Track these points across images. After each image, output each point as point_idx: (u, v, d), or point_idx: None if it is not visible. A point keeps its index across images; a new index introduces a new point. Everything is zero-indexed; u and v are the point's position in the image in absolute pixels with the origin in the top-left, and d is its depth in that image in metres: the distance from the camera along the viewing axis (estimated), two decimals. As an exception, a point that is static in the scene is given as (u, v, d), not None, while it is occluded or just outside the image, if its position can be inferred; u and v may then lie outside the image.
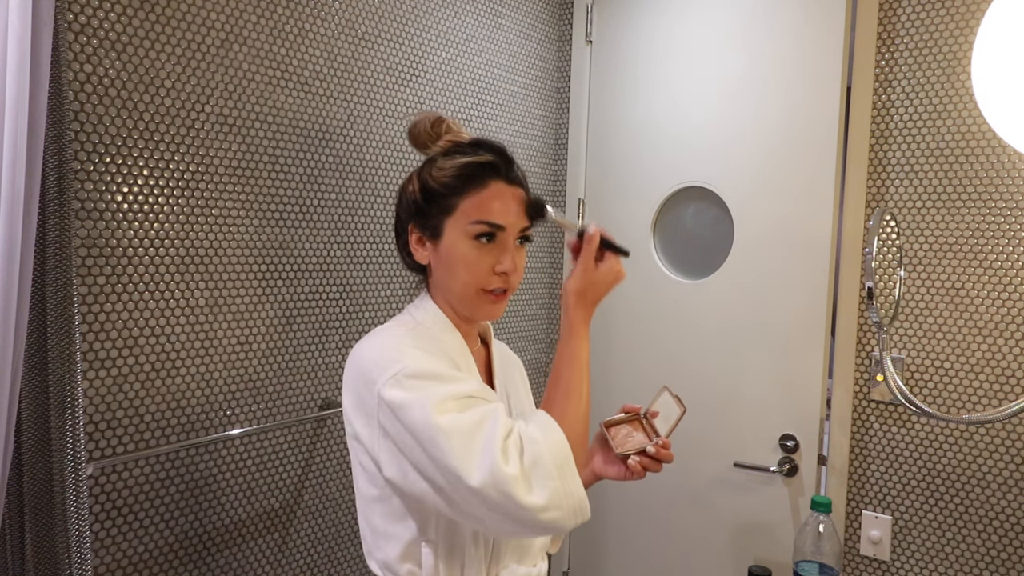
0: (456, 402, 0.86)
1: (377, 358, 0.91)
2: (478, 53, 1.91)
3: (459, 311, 1.02)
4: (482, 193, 0.96)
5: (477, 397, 0.89)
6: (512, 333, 2.09)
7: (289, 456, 1.49)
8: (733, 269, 1.90)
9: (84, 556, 1.03)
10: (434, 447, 0.83)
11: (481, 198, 0.96)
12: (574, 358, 0.95)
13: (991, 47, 1.22)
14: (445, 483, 0.84)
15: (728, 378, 1.89)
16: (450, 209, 0.97)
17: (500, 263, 0.97)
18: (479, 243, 0.96)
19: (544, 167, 2.20)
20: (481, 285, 0.97)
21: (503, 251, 0.97)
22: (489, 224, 0.95)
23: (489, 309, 1.00)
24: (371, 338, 0.97)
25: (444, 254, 0.98)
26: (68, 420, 1.01)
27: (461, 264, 0.96)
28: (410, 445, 0.86)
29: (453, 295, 1.00)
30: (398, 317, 1.04)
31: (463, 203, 0.96)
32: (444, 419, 0.83)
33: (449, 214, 0.97)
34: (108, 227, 1.18)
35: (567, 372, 0.95)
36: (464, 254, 0.96)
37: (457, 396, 0.87)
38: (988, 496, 1.59)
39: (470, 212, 0.96)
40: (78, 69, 1.13)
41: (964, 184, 1.62)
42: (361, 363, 0.93)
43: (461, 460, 0.82)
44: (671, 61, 1.99)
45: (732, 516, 1.89)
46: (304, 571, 1.53)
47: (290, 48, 1.44)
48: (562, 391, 0.93)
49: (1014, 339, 1.56)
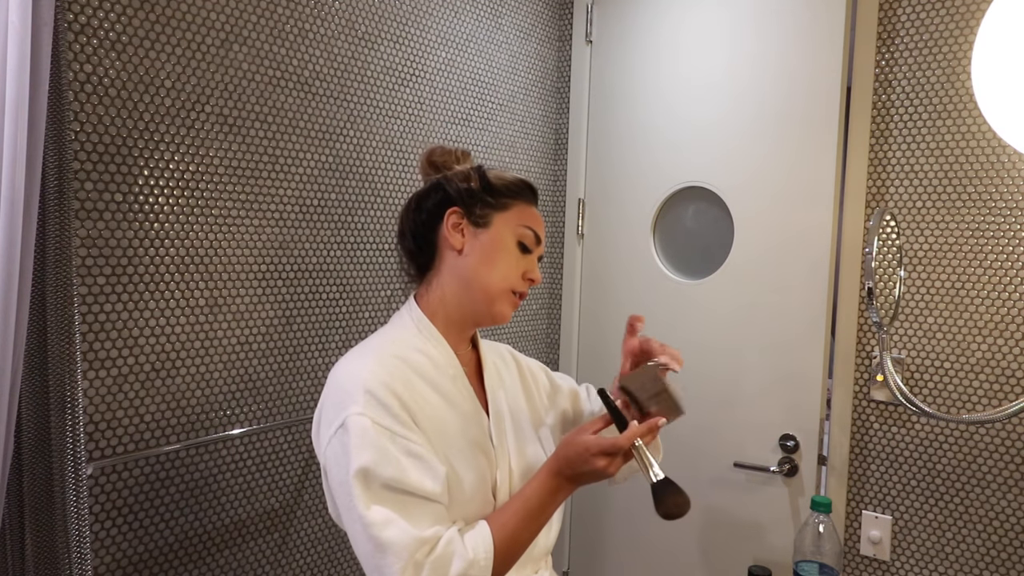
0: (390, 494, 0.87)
1: (354, 383, 0.92)
2: (478, 53, 1.91)
3: (468, 307, 1.02)
4: (531, 210, 1.06)
5: (411, 494, 0.88)
6: (512, 333, 2.09)
7: (289, 456, 1.49)
8: (733, 269, 1.90)
9: (84, 556, 1.03)
10: (345, 516, 0.88)
11: (531, 213, 1.06)
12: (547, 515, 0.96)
13: (991, 47, 1.22)
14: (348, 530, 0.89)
15: (728, 378, 1.89)
16: (505, 207, 1.03)
17: (532, 271, 1.04)
18: (520, 248, 1.03)
19: (544, 167, 2.20)
20: (512, 285, 1.02)
21: (532, 263, 1.06)
22: (535, 234, 1.04)
23: (507, 312, 1.04)
24: (359, 353, 0.99)
25: (487, 244, 1.01)
26: (68, 420, 1.02)
27: (503, 258, 1.01)
28: (334, 479, 0.91)
29: (473, 288, 1.01)
30: (383, 331, 1.05)
31: (517, 207, 1.04)
32: (369, 512, 0.86)
33: (502, 210, 1.03)
34: (108, 227, 1.18)
35: (547, 514, 0.96)
36: (509, 251, 1.02)
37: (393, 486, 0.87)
38: (988, 496, 1.59)
39: (524, 218, 1.04)
40: (78, 69, 1.13)
41: (964, 184, 1.62)
42: (340, 377, 0.95)
43: (370, 555, 0.85)
44: (671, 61, 1.99)
45: (732, 516, 1.89)
46: (304, 571, 1.53)
47: (290, 48, 1.44)
48: (533, 523, 0.94)
49: (1014, 339, 1.56)
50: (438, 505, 0.89)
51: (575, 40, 2.19)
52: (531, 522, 0.93)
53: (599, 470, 0.92)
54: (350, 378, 0.93)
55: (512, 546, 0.91)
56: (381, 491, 0.86)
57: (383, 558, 0.84)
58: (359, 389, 0.90)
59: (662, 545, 2.01)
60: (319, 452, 0.94)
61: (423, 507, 0.88)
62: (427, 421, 0.94)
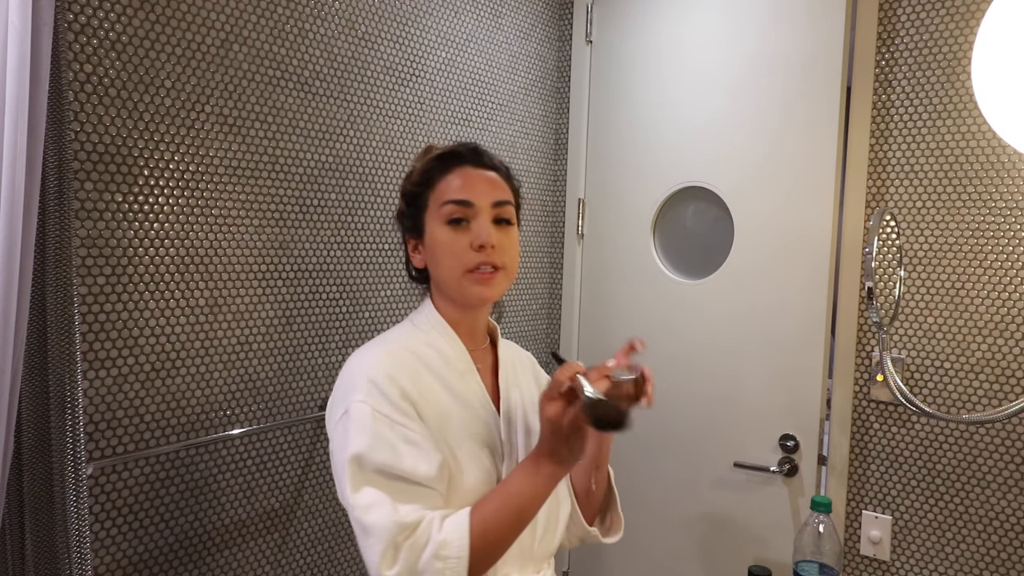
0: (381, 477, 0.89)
1: (362, 374, 0.95)
2: (478, 53, 1.90)
3: (456, 301, 1.03)
4: (447, 178, 1.00)
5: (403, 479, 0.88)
6: (512, 333, 2.09)
7: (289, 456, 1.49)
8: (733, 269, 1.90)
9: (84, 556, 1.03)
10: (341, 498, 0.91)
11: (445, 182, 1.00)
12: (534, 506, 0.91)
13: (991, 47, 1.22)
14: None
15: (728, 378, 1.89)
16: (424, 205, 1.02)
17: (477, 237, 0.96)
18: (454, 227, 0.98)
19: (544, 167, 2.20)
20: (464, 266, 0.97)
21: (479, 227, 0.97)
22: (454, 202, 0.98)
23: (479, 290, 0.98)
24: (362, 353, 1.00)
25: (429, 248, 1.02)
26: (68, 420, 1.02)
27: (440, 249, 0.99)
28: (336, 458, 0.93)
29: (445, 286, 1.02)
30: (399, 326, 1.08)
31: (432, 195, 1.01)
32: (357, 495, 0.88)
33: (424, 209, 1.02)
34: (108, 227, 1.18)
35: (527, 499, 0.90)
36: (441, 239, 0.99)
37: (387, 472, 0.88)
38: (988, 496, 1.59)
39: (437, 198, 1.00)
40: (78, 69, 1.13)
41: (964, 184, 1.62)
42: (352, 368, 0.97)
43: (359, 536, 0.88)
44: (671, 61, 1.99)
45: (732, 516, 1.89)
46: (304, 571, 1.53)
47: (290, 48, 1.44)
48: (513, 510, 0.89)
49: (1014, 339, 1.56)
50: (431, 491, 0.90)
51: (575, 40, 2.19)
52: (510, 504, 0.89)
53: (552, 419, 0.86)
54: (359, 368, 0.96)
55: (492, 531, 0.88)
56: (373, 475, 0.88)
57: (366, 539, 0.86)
58: (364, 379, 0.93)
59: (662, 545, 2.01)
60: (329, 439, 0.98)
61: (414, 492, 0.89)
62: (431, 412, 0.95)
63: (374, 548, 0.85)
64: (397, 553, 0.84)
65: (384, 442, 0.89)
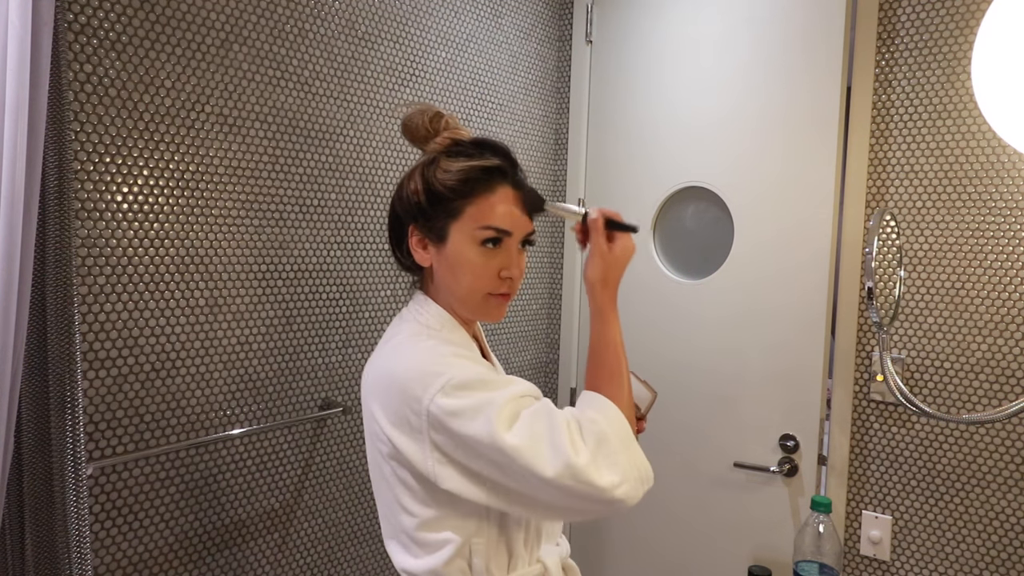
0: (511, 405, 0.88)
1: (417, 373, 0.91)
2: (478, 53, 1.90)
3: (461, 313, 1.02)
4: (489, 198, 0.95)
5: (527, 395, 0.91)
6: (512, 333, 2.09)
7: (289, 456, 1.49)
8: (733, 269, 1.90)
9: (84, 556, 1.03)
10: (500, 454, 0.85)
11: (489, 203, 0.95)
12: (611, 343, 0.98)
13: (991, 47, 1.23)
14: (515, 484, 0.86)
15: (728, 378, 1.89)
16: (455, 213, 0.96)
17: (507, 268, 0.97)
18: (485, 248, 0.96)
19: (544, 167, 2.20)
20: (488, 290, 0.98)
21: (508, 255, 0.97)
22: (497, 230, 0.95)
23: (496, 313, 1.01)
24: (400, 352, 0.96)
25: (449, 258, 0.97)
26: (68, 420, 1.01)
27: (467, 269, 0.96)
28: (471, 455, 0.87)
29: (456, 298, 1.00)
30: (408, 325, 1.01)
31: (469, 208, 0.95)
32: (505, 426, 0.86)
33: (455, 218, 0.96)
34: (108, 227, 1.18)
35: (609, 357, 0.97)
36: (471, 259, 0.96)
37: (510, 399, 0.88)
38: (988, 496, 1.59)
39: (477, 217, 0.95)
40: (78, 69, 1.13)
41: (964, 184, 1.62)
42: (399, 380, 0.91)
43: (532, 460, 0.84)
44: (671, 61, 1.99)
45: (732, 516, 1.89)
46: (304, 571, 1.53)
47: (290, 48, 1.44)
48: (607, 374, 0.96)
49: (1014, 339, 1.56)
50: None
51: (575, 40, 2.19)
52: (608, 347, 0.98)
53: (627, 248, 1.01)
54: (418, 362, 0.93)
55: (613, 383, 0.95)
56: (510, 413, 0.87)
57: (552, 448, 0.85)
58: (432, 366, 0.91)
59: (662, 544, 2.01)
60: (406, 444, 0.91)
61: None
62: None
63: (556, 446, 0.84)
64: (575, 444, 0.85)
65: (487, 396, 0.88)
